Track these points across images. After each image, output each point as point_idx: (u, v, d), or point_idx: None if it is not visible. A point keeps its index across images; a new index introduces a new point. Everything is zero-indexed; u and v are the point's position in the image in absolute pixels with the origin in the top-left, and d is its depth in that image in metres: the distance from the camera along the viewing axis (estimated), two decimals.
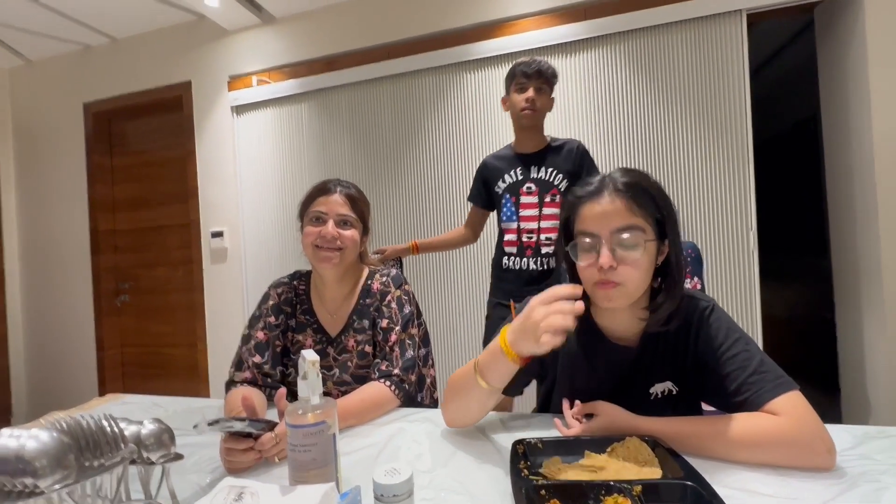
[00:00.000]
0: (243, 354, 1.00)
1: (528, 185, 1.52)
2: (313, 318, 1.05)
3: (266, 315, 1.03)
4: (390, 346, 0.98)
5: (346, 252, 1.00)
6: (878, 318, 1.74)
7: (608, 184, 0.71)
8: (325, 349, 1.03)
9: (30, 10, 2.38)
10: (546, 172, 1.52)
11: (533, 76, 1.46)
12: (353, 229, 1.01)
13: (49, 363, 2.95)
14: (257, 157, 2.53)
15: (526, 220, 1.52)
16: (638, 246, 0.68)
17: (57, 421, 0.47)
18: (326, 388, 1.01)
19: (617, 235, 0.69)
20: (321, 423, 0.58)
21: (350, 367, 1.02)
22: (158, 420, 0.55)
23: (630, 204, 0.69)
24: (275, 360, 1.01)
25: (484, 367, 0.70)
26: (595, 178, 0.74)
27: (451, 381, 0.79)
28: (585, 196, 0.73)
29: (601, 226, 0.70)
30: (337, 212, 1.00)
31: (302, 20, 2.43)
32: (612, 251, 0.68)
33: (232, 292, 2.58)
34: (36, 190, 2.97)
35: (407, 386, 0.95)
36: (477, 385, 0.71)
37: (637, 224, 0.69)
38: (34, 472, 0.41)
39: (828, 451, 0.60)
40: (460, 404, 0.77)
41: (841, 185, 1.97)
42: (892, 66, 1.70)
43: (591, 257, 0.70)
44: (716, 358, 0.71)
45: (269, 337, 1.01)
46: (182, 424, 0.92)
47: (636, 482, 0.54)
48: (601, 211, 0.70)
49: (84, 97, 2.84)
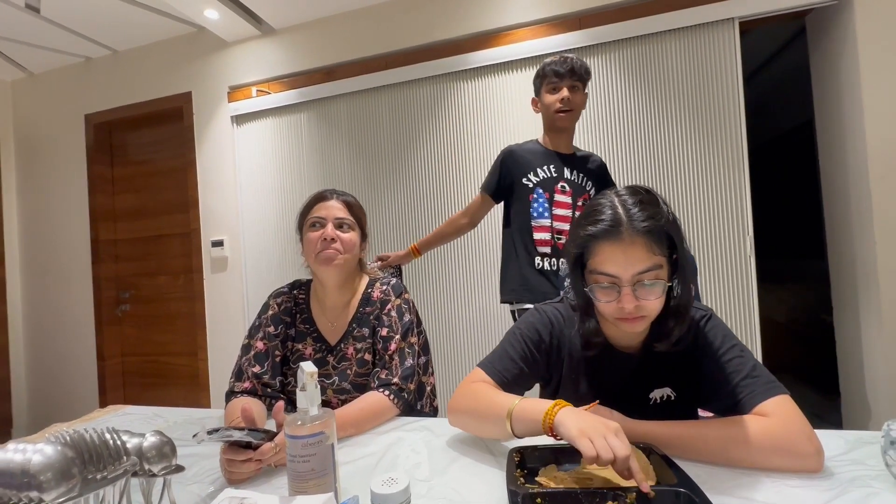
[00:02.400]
0: (243, 365, 1.01)
1: (563, 185, 1.44)
2: (313, 326, 1.06)
3: (265, 325, 1.04)
4: (389, 355, 0.99)
5: (345, 253, 1.01)
6: (876, 320, 1.74)
7: (625, 223, 0.68)
8: (325, 357, 1.03)
9: (32, 24, 2.42)
10: (578, 176, 1.46)
11: (566, 75, 1.38)
12: (351, 232, 1.03)
13: (50, 373, 2.96)
14: (257, 167, 2.55)
15: (559, 219, 1.42)
16: (659, 283, 0.69)
17: (61, 434, 0.48)
18: (326, 397, 1.02)
19: (638, 277, 0.68)
20: (320, 434, 0.59)
21: (349, 374, 1.02)
22: (160, 432, 0.56)
23: (650, 244, 0.68)
24: (274, 370, 1.01)
25: (518, 420, 0.69)
26: (606, 212, 0.70)
27: (474, 396, 0.77)
28: (600, 235, 0.69)
29: (621, 269, 0.68)
30: (335, 215, 1.02)
31: (301, 31, 2.46)
32: (633, 292, 0.68)
33: (232, 301, 2.59)
34: (37, 200, 2.99)
35: (406, 395, 0.96)
36: (503, 427, 0.70)
37: (657, 263, 0.69)
38: (39, 485, 0.42)
39: (815, 453, 0.62)
40: (477, 426, 0.78)
41: (836, 189, 1.98)
42: (883, 72, 1.72)
43: (611, 296, 0.70)
44: (712, 363, 0.74)
45: (268, 347, 1.02)
46: (183, 435, 0.93)
47: (631, 489, 0.55)
48: (621, 254, 0.68)
49: (85, 108, 2.87)
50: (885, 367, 1.71)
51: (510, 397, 0.73)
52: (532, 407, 0.68)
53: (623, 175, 1.99)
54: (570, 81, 1.39)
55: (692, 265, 1.19)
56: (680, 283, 0.72)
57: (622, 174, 1.99)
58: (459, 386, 0.82)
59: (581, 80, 1.41)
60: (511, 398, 0.72)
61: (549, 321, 0.84)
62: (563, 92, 1.38)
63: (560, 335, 0.83)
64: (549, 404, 0.66)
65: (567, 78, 1.38)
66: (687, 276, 0.73)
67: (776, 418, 0.64)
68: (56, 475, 0.43)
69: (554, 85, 1.40)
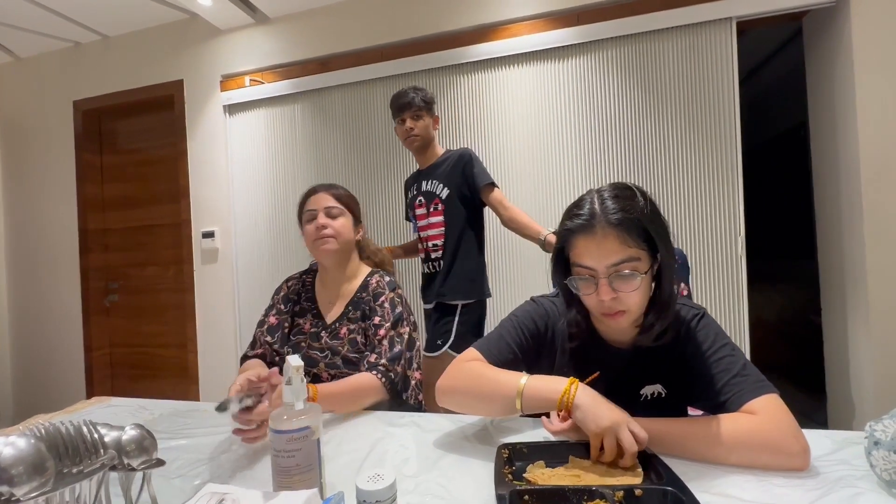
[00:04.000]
0: (258, 336, 1.17)
1: (420, 199, 1.70)
2: (314, 304, 1.18)
3: (277, 304, 1.20)
4: (378, 340, 1.06)
5: (339, 238, 1.12)
6: (863, 321, 1.76)
7: (599, 216, 0.70)
8: (320, 332, 1.13)
9: (20, 7, 2.35)
10: (431, 184, 1.67)
11: (405, 108, 1.62)
12: (341, 217, 1.14)
13: (36, 364, 2.91)
14: (249, 158, 2.52)
15: (422, 228, 1.70)
16: (635, 275, 0.69)
17: (35, 427, 0.46)
18: (318, 370, 1.10)
19: (613, 269, 0.70)
20: (305, 429, 0.58)
21: (341, 351, 1.09)
22: (140, 425, 0.55)
23: (622, 236, 0.69)
24: (283, 340, 1.16)
25: (530, 398, 0.70)
26: (584, 207, 0.73)
27: (474, 374, 0.77)
28: (576, 229, 0.72)
29: (596, 261, 0.70)
30: (324, 205, 1.14)
31: (296, 21, 2.42)
32: (610, 283, 0.70)
33: (223, 292, 2.56)
34: (24, 188, 2.93)
35: (393, 376, 1.00)
36: (510, 405, 0.71)
37: (631, 255, 0.69)
38: (10, 479, 0.40)
39: (802, 451, 0.62)
40: (475, 404, 0.77)
41: (828, 190, 2.00)
42: (877, 74, 1.73)
43: (590, 288, 0.72)
44: (702, 362, 0.74)
45: (279, 321, 1.18)
46: (169, 428, 0.92)
47: (618, 487, 0.55)
48: (595, 246, 0.70)
49: (74, 95, 2.81)
50: (871, 368, 1.73)
51: (516, 374, 0.74)
52: (545, 386, 0.70)
53: (615, 173, 1.99)
54: (410, 112, 1.63)
55: (683, 263, 1.19)
56: (662, 277, 0.73)
57: (614, 171, 1.99)
58: (451, 365, 0.81)
59: (421, 109, 1.63)
60: (517, 375, 0.73)
61: (545, 312, 0.86)
62: (407, 123, 1.64)
63: (554, 327, 0.85)
64: (565, 383, 0.68)
65: (407, 110, 1.63)
66: (670, 270, 0.73)
67: (763, 416, 0.65)
68: (28, 469, 0.41)
69: (400, 118, 1.65)
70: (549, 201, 2.06)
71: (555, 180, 2.06)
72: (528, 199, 2.07)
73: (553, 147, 2.06)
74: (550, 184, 2.06)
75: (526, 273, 2.08)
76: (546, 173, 2.07)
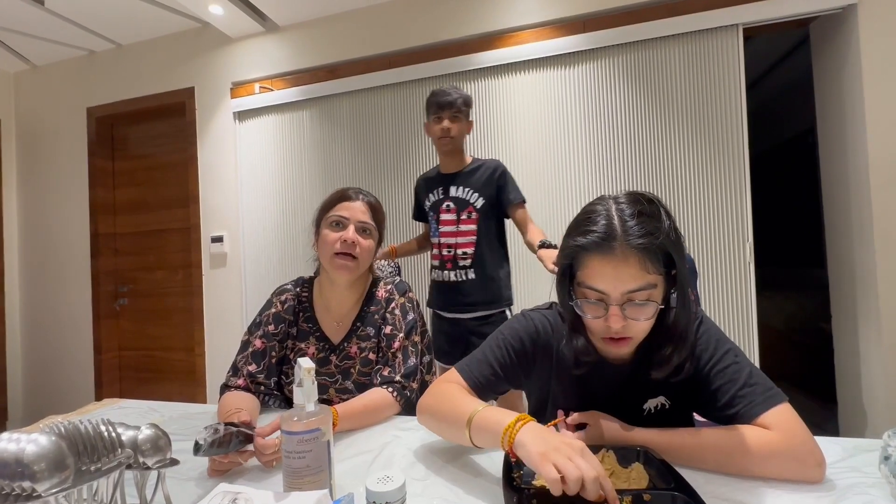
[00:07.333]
0: (239, 362, 1.00)
1: (448, 203, 1.62)
2: (316, 325, 1.05)
3: (266, 323, 1.03)
4: (393, 353, 0.99)
5: (361, 261, 1.00)
6: (874, 329, 1.74)
7: (619, 236, 0.62)
8: (328, 357, 1.03)
9: (36, 16, 2.41)
10: (464, 191, 1.61)
11: (445, 107, 1.57)
12: (370, 239, 1.02)
13: (46, 366, 2.95)
14: (258, 164, 2.55)
15: (445, 235, 1.62)
16: (651, 304, 0.64)
17: (56, 425, 0.48)
18: (328, 396, 1.01)
19: (628, 296, 0.64)
20: (316, 431, 0.59)
21: (353, 374, 1.02)
22: (155, 425, 0.56)
23: (644, 262, 0.62)
24: (269, 370, 1.01)
25: (478, 430, 0.66)
26: (599, 222, 0.64)
27: (441, 396, 0.75)
28: (590, 247, 0.64)
29: (610, 285, 0.64)
30: (358, 218, 1.01)
31: (305, 29, 2.46)
32: (622, 311, 0.64)
33: (231, 297, 2.58)
34: (37, 192, 2.98)
35: (408, 393, 0.96)
36: (463, 435, 0.67)
37: (650, 282, 0.63)
38: (32, 475, 0.41)
39: (817, 465, 0.61)
40: (438, 428, 0.76)
41: (837, 197, 1.99)
42: (886, 81, 1.72)
43: (599, 312, 0.66)
44: (706, 371, 0.71)
45: (266, 346, 1.01)
46: (179, 430, 0.93)
47: (626, 492, 0.55)
48: (612, 269, 0.63)
49: (87, 101, 2.87)
50: (883, 376, 1.71)
51: (474, 402, 0.69)
52: (494, 418, 0.63)
53: (622, 180, 1.99)
54: (450, 113, 1.57)
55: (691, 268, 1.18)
56: (678, 304, 0.67)
57: (621, 178, 1.99)
58: (432, 385, 0.80)
59: (460, 111, 1.58)
60: (475, 403, 0.68)
61: (534, 328, 0.80)
62: (444, 122, 1.57)
63: (546, 344, 0.80)
64: (512, 417, 0.61)
65: (447, 109, 1.57)
66: (687, 297, 0.67)
67: (779, 432, 0.63)
68: (50, 465, 0.42)
69: (437, 116, 1.58)
70: (555, 208, 2.06)
71: (561, 186, 2.06)
72: (535, 206, 2.07)
73: (559, 153, 2.07)
74: (557, 190, 2.07)
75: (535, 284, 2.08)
76: (552, 179, 2.07)
